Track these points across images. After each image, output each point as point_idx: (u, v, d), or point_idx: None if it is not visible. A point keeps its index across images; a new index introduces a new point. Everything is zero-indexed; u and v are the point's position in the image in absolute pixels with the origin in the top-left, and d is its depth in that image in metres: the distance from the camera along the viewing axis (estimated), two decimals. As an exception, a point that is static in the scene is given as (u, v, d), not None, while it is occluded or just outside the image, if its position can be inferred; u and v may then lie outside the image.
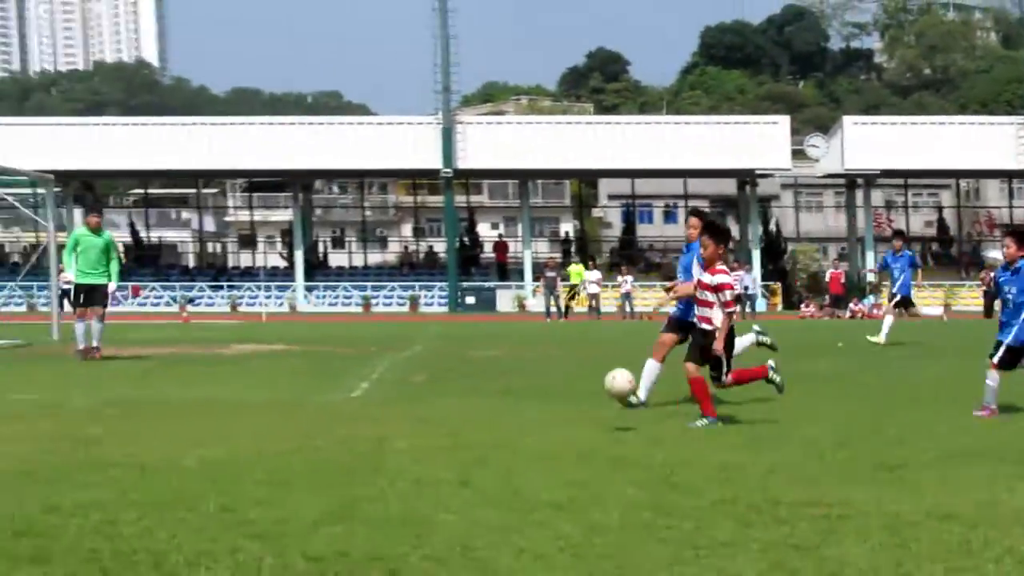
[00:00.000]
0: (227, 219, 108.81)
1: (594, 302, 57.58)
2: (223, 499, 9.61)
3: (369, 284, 74.32)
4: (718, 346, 13.89)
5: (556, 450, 12.45)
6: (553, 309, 56.61)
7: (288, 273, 77.54)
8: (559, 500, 9.70)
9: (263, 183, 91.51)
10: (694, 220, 15.79)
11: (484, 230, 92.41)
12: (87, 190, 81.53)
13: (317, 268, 77.83)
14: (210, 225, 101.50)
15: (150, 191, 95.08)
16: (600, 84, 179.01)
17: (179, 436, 13.37)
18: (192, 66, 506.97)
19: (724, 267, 14.29)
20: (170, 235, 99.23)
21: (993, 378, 14.86)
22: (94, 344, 25.47)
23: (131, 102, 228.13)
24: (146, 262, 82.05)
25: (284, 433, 13.69)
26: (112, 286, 25.92)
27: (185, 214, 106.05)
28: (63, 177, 64.92)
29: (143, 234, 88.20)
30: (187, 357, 26.75)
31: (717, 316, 14.02)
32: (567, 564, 7.62)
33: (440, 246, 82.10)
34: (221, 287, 74.15)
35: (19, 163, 57.82)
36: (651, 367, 16.21)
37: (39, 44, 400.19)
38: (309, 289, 73.42)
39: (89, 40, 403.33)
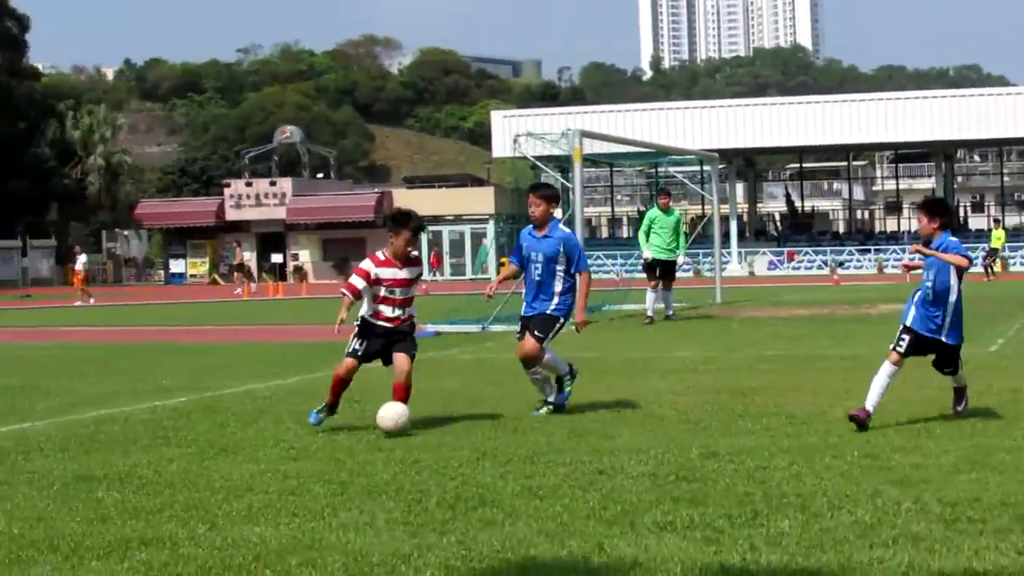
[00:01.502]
0: (874, 188, 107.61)
1: None
2: (866, 447, 9.59)
3: (1007, 245, 71.61)
4: None
5: None
6: None
7: (932, 237, 75.77)
8: None
9: (908, 154, 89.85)
10: (534, 198, 12.25)
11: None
12: (748, 166, 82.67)
13: (957, 231, 75.38)
14: (859, 194, 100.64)
15: (804, 165, 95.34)
16: None
17: (828, 388, 13.38)
18: (843, 47, 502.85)
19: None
20: (822, 204, 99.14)
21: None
22: (669, 313, 26.02)
23: (788, 84, 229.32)
24: (800, 229, 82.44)
25: (924, 385, 13.43)
26: (680, 259, 26.70)
27: (836, 184, 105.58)
28: (727, 155, 66.13)
29: (797, 204, 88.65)
30: (837, 317, 26.67)
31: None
32: None
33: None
34: (868, 251, 73.37)
35: (688, 144, 59.44)
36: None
37: (706, 35, 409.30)
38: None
39: (750, 28, 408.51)
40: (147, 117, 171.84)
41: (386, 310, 11.36)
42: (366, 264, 11.42)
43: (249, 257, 77.54)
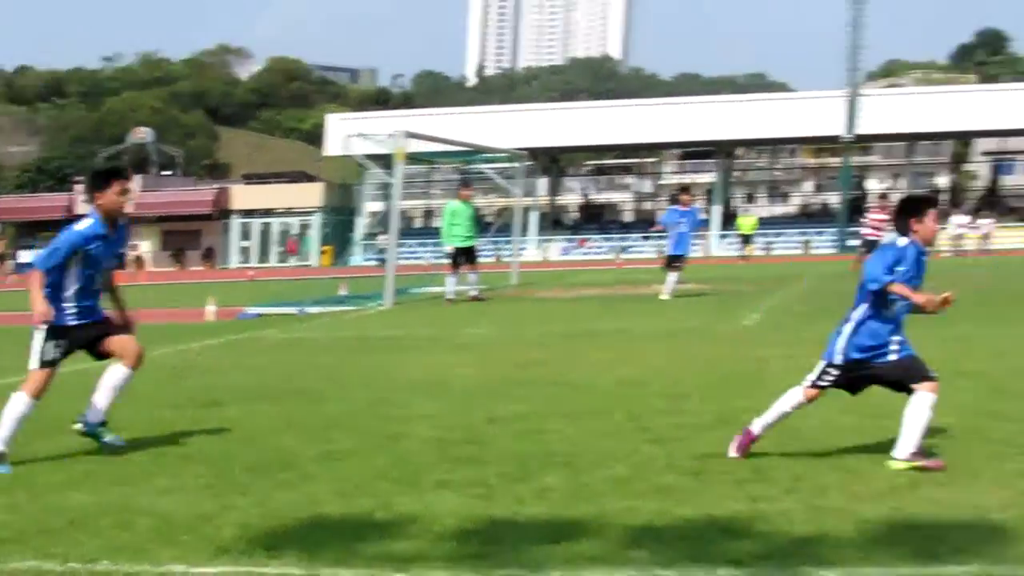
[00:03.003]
0: (661, 182, 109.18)
1: (960, 242, 55.79)
2: (630, 410, 9.71)
3: (771, 232, 73.29)
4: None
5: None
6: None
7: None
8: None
9: (694, 151, 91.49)
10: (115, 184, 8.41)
11: (871, 184, 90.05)
12: (552, 163, 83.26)
13: (729, 221, 77.33)
14: (647, 187, 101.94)
15: (603, 161, 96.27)
16: (984, 58, 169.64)
17: (602, 359, 13.51)
18: (649, 57, 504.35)
19: None
20: (616, 197, 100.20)
21: None
22: (474, 293, 25.99)
23: (597, 90, 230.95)
24: (592, 219, 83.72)
25: (686, 355, 13.67)
26: (476, 244, 26.44)
27: (628, 179, 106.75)
28: (535, 153, 66.60)
29: (592, 197, 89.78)
30: (619, 296, 26.96)
31: None
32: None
33: (834, 199, 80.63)
34: (650, 238, 74.48)
35: (503, 143, 59.59)
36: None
37: (525, 45, 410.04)
38: (723, 237, 72.90)
39: (567, 40, 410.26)
40: (11, 120, 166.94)
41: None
42: None
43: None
